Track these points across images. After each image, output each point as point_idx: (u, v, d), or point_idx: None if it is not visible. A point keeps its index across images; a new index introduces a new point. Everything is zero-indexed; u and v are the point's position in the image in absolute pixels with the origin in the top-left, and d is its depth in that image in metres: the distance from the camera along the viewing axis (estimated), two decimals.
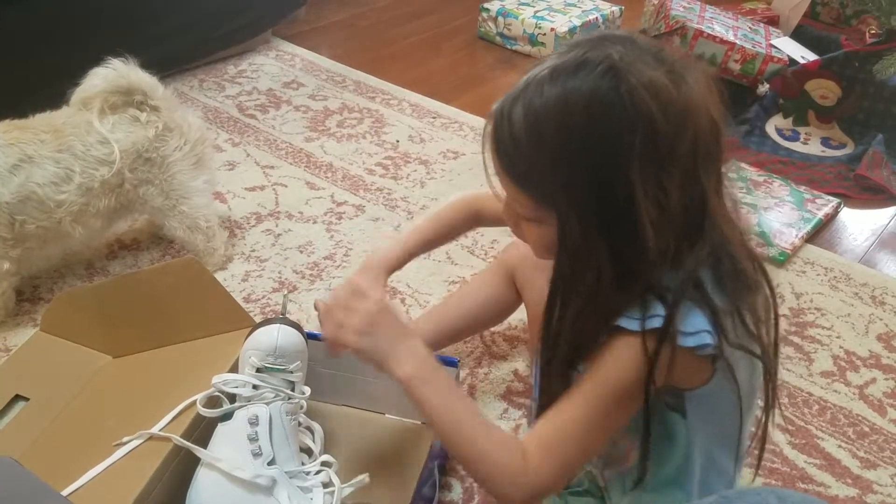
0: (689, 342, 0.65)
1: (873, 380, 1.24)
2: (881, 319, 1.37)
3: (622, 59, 0.63)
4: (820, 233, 1.60)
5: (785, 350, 1.28)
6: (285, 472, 0.85)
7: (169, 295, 1.04)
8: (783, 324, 1.31)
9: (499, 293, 1.16)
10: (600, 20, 2.41)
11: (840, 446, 1.12)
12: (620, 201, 0.64)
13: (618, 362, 0.68)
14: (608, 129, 0.63)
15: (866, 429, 1.15)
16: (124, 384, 1.04)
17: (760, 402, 0.78)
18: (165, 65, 1.99)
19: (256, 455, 0.84)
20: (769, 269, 0.74)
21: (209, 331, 1.04)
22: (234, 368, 0.95)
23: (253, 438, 0.85)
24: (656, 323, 0.66)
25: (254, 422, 0.86)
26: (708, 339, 0.66)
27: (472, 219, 1.03)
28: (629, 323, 0.67)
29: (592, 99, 0.63)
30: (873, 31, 2.12)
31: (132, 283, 1.07)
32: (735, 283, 0.69)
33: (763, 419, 0.77)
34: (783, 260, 1.48)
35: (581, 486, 0.89)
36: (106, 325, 1.08)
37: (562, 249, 0.69)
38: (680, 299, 0.66)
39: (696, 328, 0.65)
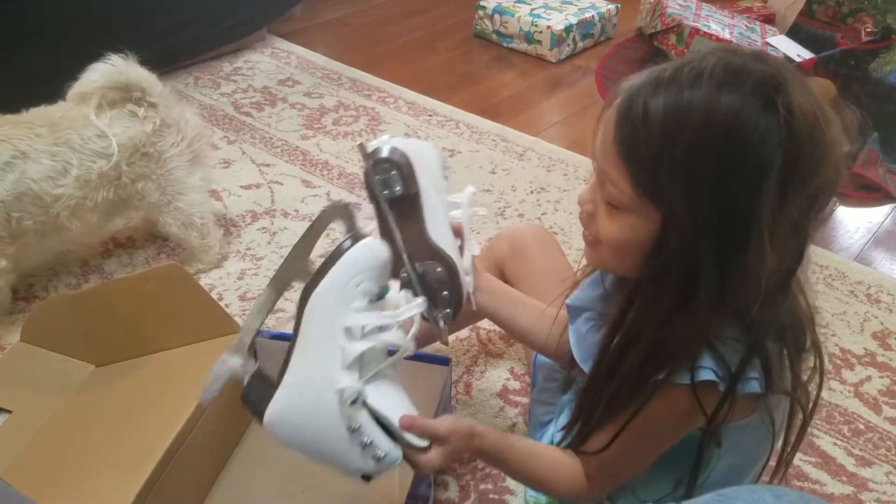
0: (740, 389, 0.67)
1: (868, 378, 1.24)
2: (876, 317, 1.37)
3: (784, 78, 0.61)
4: (816, 231, 1.60)
5: None
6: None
7: (152, 302, 1.02)
8: None
9: None
10: (596, 18, 2.41)
11: (835, 444, 1.12)
12: (739, 220, 0.62)
13: (672, 409, 0.70)
14: (754, 143, 0.60)
15: (861, 426, 1.15)
16: (109, 394, 1.02)
17: None
18: (160, 62, 1.97)
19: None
20: None
21: (194, 337, 1.03)
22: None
23: None
24: (708, 375, 0.66)
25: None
26: (756, 386, 0.67)
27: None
28: (681, 377, 0.68)
29: (746, 110, 0.60)
30: (869, 30, 2.12)
31: (114, 290, 1.05)
32: (788, 329, 0.70)
33: (787, 454, 0.78)
34: None
35: None
36: (88, 333, 1.07)
37: (659, 250, 0.66)
38: (751, 359, 0.67)
39: (747, 375, 0.67)
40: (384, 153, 0.82)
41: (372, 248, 0.72)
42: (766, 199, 0.61)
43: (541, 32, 2.30)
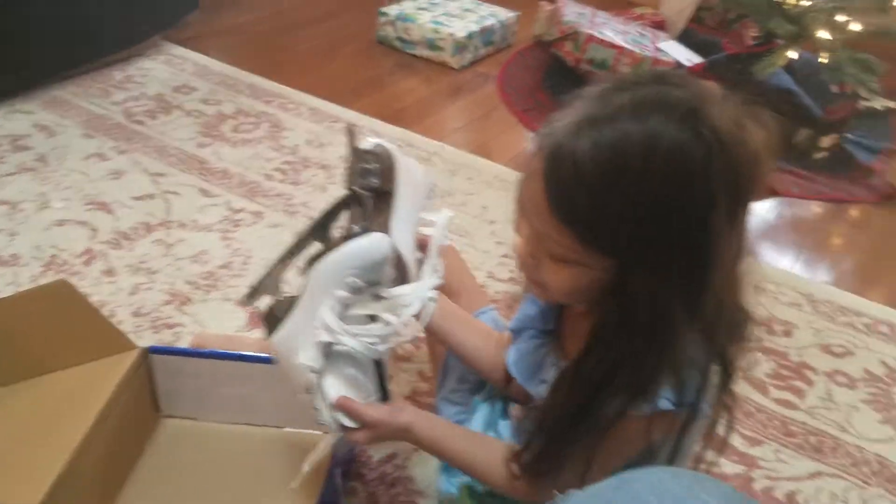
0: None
1: (756, 362, 1.30)
2: (761, 305, 1.44)
3: (702, 102, 0.60)
4: None
5: None
6: None
7: (40, 321, 0.98)
8: None
9: None
10: (497, 26, 2.45)
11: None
12: (696, 254, 0.61)
13: (627, 437, 0.71)
14: (692, 177, 0.59)
15: (751, 408, 1.21)
16: None
17: None
18: (48, 71, 1.90)
19: None
20: None
21: (85, 357, 1.00)
22: (113, 397, 0.92)
23: None
24: (665, 405, 0.67)
25: None
26: (706, 409, 0.70)
27: None
28: (641, 407, 0.68)
29: (676, 144, 0.58)
30: (753, 34, 2.23)
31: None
32: (734, 350, 0.71)
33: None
34: None
35: None
36: None
37: (620, 293, 0.64)
38: (707, 383, 0.68)
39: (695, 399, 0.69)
40: (370, 146, 0.85)
41: (370, 246, 0.76)
42: (717, 223, 0.60)
43: (443, 39, 2.32)
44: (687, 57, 2.24)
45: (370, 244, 0.76)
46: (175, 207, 1.56)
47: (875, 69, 1.89)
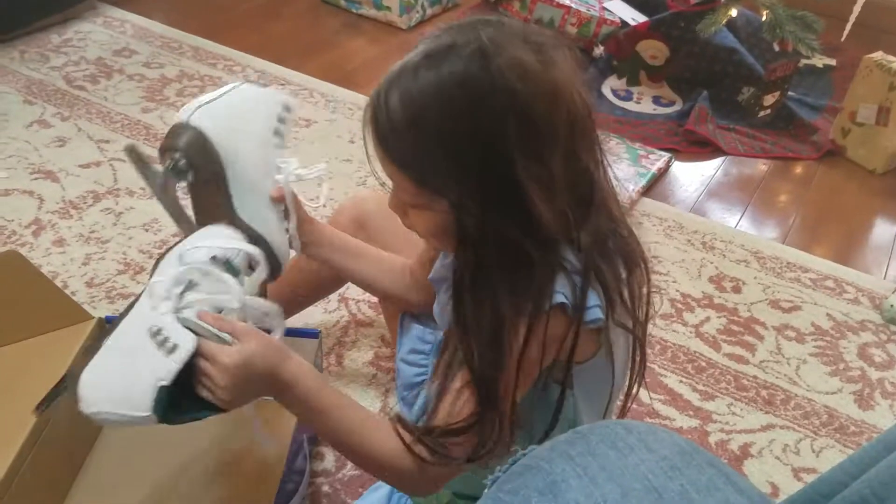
0: (585, 316, 0.69)
1: (707, 319, 1.35)
2: (712, 263, 1.49)
3: (491, 42, 0.64)
4: (654, 186, 1.71)
5: None
6: None
7: None
8: None
9: None
10: None
11: (681, 381, 1.22)
12: (506, 181, 0.64)
13: (521, 342, 0.69)
14: (482, 110, 0.64)
15: (703, 364, 1.26)
16: None
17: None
18: None
19: None
20: None
21: (39, 329, 0.98)
22: (71, 368, 0.87)
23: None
24: (560, 298, 0.68)
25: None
26: (599, 313, 0.69)
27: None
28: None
29: (464, 82, 0.64)
30: None
31: None
32: (619, 261, 0.72)
33: (633, 389, 0.81)
34: None
35: None
36: None
37: (460, 236, 0.69)
38: (590, 274, 0.68)
39: (589, 303, 0.69)
40: (169, 139, 0.77)
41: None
42: (518, 156, 0.64)
43: None
44: (632, 16, 2.25)
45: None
46: (122, 175, 1.52)
47: (815, 27, 1.93)
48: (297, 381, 0.73)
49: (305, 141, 1.70)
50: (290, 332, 0.99)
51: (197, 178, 0.78)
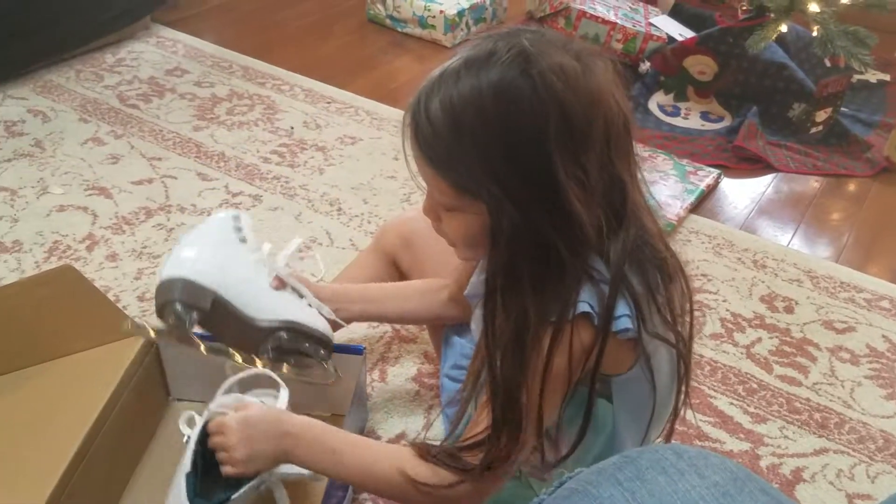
0: (613, 326, 0.68)
1: (759, 339, 1.32)
2: (763, 282, 1.45)
3: (531, 47, 0.66)
4: (703, 203, 1.68)
5: None
6: None
7: (46, 307, 0.98)
8: None
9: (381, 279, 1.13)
10: (488, 2, 2.43)
11: (731, 404, 1.19)
12: (547, 181, 0.65)
13: (545, 352, 0.69)
14: (522, 112, 0.65)
15: (755, 385, 1.23)
16: (8, 405, 0.97)
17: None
18: (39, 56, 1.87)
19: None
20: None
21: (93, 342, 1.00)
22: (122, 381, 0.93)
23: None
24: (585, 308, 0.67)
25: None
26: (628, 323, 0.68)
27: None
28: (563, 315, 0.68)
29: (505, 85, 0.65)
30: (745, 7, 2.23)
31: (5, 296, 1.00)
32: (654, 272, 0.72)
33: (679, 407, 0.80)
34: (670, 230, 1.56)
35: None
36: None
37: (496, 238, 0.69)
38: (618, 283, 0.68)
39: (617, 313, 0.68)
40: (159, 300, 0.84)
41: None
42: (557, 157, 0.65)
43: (434, 17, 2.30)
44: (679, 31, 2.23)
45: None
46: (174, 191, 1.55)
47: (867, 42, 1.89)
48: (304, 429, 0.79)
49: (352, 158, 1.72)
50: (336, 349, 1.00)
51: (203, 313, 0.83)
